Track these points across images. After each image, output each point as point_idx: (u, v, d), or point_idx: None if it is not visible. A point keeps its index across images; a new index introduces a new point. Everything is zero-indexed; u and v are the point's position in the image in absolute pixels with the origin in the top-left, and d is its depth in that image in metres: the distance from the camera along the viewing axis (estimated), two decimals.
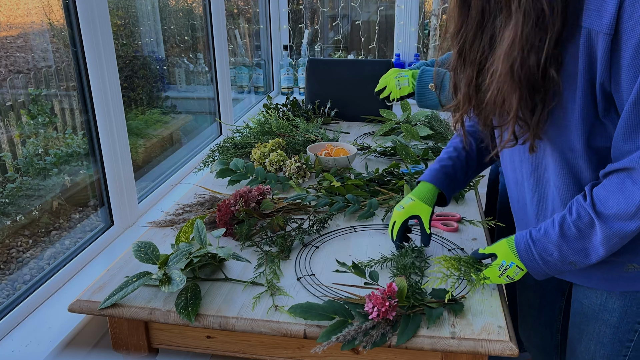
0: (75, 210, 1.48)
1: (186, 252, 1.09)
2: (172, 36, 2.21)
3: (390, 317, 0.97)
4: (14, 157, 1.31)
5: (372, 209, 1.44)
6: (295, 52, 3.45)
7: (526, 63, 0.81)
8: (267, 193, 1.40)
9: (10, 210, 1.28)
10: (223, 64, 2.30)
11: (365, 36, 3.37)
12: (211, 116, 2.40)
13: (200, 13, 2.30)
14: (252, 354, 1.10)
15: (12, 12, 1.34)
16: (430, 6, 3.27)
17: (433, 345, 0.96)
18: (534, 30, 0.80)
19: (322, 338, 0.95)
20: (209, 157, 1.83)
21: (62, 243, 1.40)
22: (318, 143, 1.88)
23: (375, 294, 0.98)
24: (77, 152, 1.47)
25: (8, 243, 1.27)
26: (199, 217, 1.21)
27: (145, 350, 1.14)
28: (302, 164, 1.64)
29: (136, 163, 1.73)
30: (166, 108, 2.13)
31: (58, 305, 1.21)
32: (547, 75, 0.82)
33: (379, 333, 0.95)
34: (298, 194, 1.48)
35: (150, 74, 2.00)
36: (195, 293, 1.05)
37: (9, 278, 1.24)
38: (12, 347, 1.07)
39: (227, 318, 1.03)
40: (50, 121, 1.42)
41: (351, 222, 1.42)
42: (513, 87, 0.83)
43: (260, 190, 1.38)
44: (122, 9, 1.81)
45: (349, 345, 0.94)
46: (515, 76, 0.82)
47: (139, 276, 1.07)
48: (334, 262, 1.21)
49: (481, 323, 0.99)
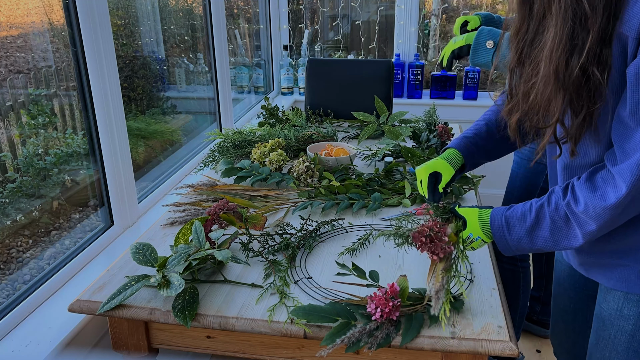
0: (75, 210, 1.48)
1: (185, 255, 1.09)
2: (172, 36, 2.20)
3: (394, 317, 0.97)
4: (14, 157, 1.31)
5: (377, 202, 1.47)
6: (295, 52, 3.45)
7: (570, 64, 0.80)
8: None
9: (10, 210, 1.27)
10: (223, 64, 2.30)
11: (365, 36, 3.37)
12: (211, 116, 2.40)
13: (200, 13, 2.30)
14: (252, 354, 1.10)
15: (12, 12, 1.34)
16: (430, 6, 3.27)
17: (433, 345, 0.96)
18: (575, 30, 0.79)
19: (326, 341, 0.94)
20: (209, 157, 1.84)
21: (62, 243, 1.40)
22: (318, 143, 1.88)
23: (378, 295, 0.98)
24: (77, 152, 1.47)
25: (8, 243, 1.27)
26: (199, 219, 1.21)
27: (145, 350, 1.14)
28: (310, 164, 1.64)
29: (136, 163, 1.73)
30: (166, 108, 2.13)
31: (58, 305, 1.21)
32: (591, 76, 0.81)
33: (383, 334, 0.95)
34: (305, 201, 1.48)
35: (150, 74, 2.00)
36: (193, 296, 1.05)
37: (9, 278, 1.24)
38: (12, 347, 1.07)
39: (227, 318, 1.03)
40: (50, 121, 1.42)
41: (343, 222, 1.42)
42: (557, 89, 0.82)
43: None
44: (122, 9, 1.81)
45: (354, 347, 0.94)
46: (559, 78, 0.81)
47: (138, 279, 1.07)
48: (330, 264, 1.21)
49: (481, 323, 0.99)
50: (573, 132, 0.86)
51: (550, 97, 0.84)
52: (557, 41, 0.80)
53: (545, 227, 0.93)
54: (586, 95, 0.82)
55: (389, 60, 2.37)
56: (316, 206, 1.48)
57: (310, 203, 1.48)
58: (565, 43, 0.79)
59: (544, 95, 0.85)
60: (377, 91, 2.35)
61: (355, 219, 1.44)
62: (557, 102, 0.83)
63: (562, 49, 0.80)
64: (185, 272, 1.07)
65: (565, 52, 0.80)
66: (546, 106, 0.86)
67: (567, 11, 0.78)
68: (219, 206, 1.29)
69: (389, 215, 1.45)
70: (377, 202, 1.47)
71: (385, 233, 1.08)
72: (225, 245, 1.22)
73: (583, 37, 0.79)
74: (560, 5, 0.79)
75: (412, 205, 1.51)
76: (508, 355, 0.94)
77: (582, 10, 0.78)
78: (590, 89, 0.82)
